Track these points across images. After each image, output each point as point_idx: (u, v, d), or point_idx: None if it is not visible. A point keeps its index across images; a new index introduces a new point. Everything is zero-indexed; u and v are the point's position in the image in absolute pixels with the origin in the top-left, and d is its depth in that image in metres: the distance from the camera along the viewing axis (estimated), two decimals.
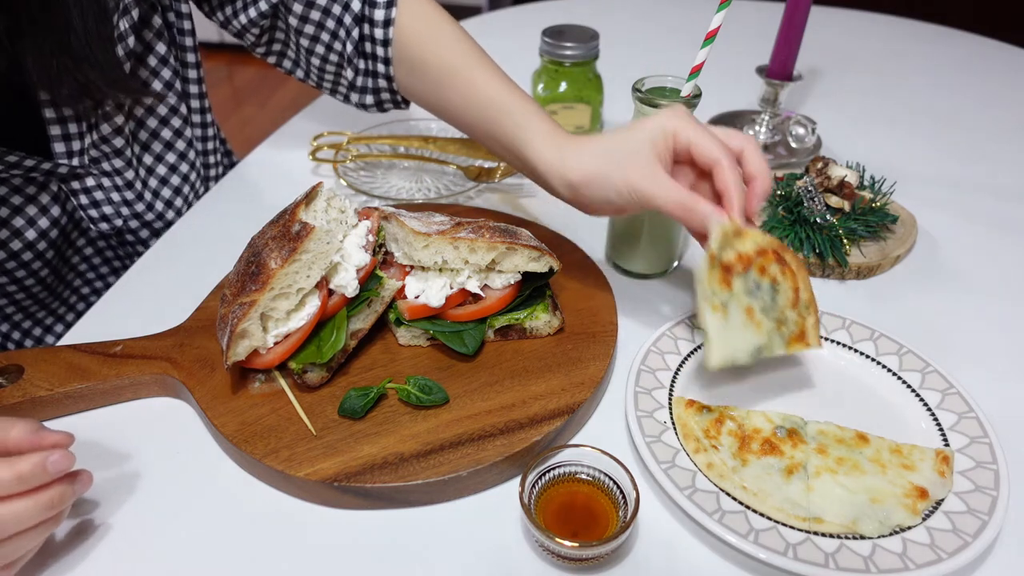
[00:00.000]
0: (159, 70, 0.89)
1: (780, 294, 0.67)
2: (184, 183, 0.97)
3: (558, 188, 0.73)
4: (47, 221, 0.83)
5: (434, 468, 0.62)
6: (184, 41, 0.93)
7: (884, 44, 1.48)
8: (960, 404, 0.68)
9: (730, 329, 0.65)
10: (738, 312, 0.66)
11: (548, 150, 0.72)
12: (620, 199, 0.67)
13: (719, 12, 0.71)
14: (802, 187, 0.90)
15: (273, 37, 0.93)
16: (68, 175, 0.83)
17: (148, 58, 0.88)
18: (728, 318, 0.65)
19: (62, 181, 0.84)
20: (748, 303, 0.66)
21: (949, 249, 0.93)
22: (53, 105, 0.79)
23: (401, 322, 0.74)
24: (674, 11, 1.59)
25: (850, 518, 0.59)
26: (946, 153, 1.12)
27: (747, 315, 0.66)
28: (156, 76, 0.89)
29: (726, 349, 0.65)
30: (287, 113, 1.59)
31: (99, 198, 0.87)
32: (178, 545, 0.60)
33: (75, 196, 0.86)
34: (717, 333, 0.65)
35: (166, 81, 0.90)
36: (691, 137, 0.65)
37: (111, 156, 0.87)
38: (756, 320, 0.66)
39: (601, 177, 0.68)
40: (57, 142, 0.81)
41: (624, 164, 0.66)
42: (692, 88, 0.75)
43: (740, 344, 0.66)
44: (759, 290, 0.67)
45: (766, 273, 0.67)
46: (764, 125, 1.10)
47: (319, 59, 0.90)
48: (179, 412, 0.71)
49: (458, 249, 0.71)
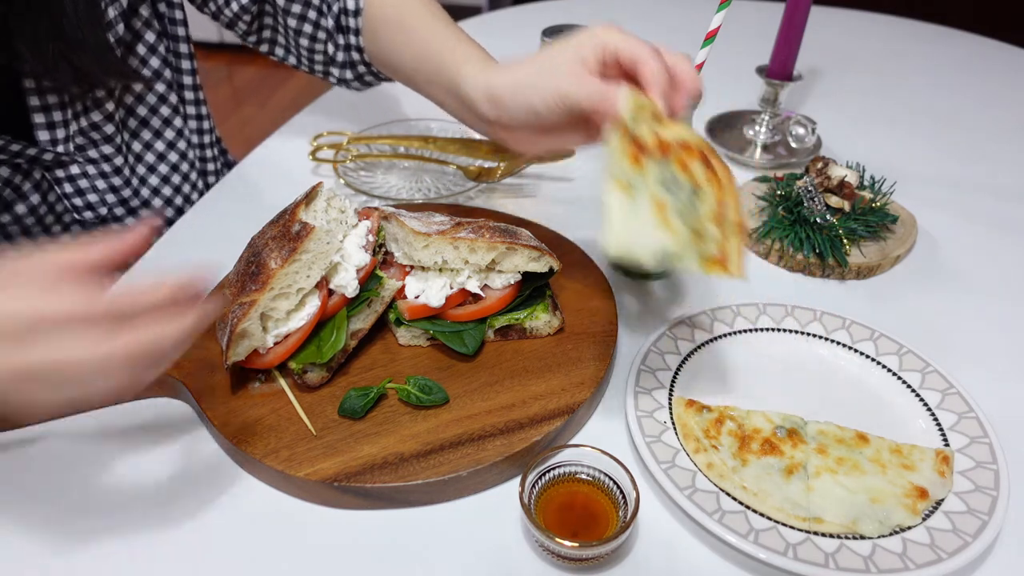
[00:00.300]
0: (148, 58, 0.90)
1: (702, 201, 0.59)
2: (174, 172, 0.98)
3: (482, 106, 0.71)
4: (24, 207, 0.83)
5: (434, 468, 0.62)
6: (176, 31, 0.94)
7: (884, 44, 1.48)
8: (960, 404, 0.68)
9: (634, 217, 0.58)
10: (647, 202, 0.58)
11: (477, 70, 0.72)
12: (545, 107, 0.64)
13: (719, 12, 0.71)
14: (802, 187, 0.90)
15: (263, 23, 0.95)
16: (53, 162, 0.83)
17: (137, 46, 0.89)
18: (634, 204, 0.58)
19: (46, 169, 0.84)
20: (660, 196, 0.58)
21: (949, 249, 0.93)
22: (38, 93, 0.79)
23: (401, 322, 0.74)
24: (674, 11, 1.59)
25: (850, 518, 0.59)
26: (946, 153, 1.12)
27: (657, 210, 0.58)
28: (145, 64, 0.90)
29: (625, 236, 0.58)
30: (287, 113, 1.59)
31: (84, 186, 0.87)
32: (178, 545, 0.60)
33: (59, 185, 0.85)
34: (618, 215, 0.57)
35: (155, 69, 0.92)
36: (618, 43, 0.63)
37: (100, 143, 0.87)
38: (668, 220, 0.58)
39: (528, 87, 0.66)
40: (41, 130, 0.81)
41: (553, 73, 0.64)
42: None
43: (644, 239, 0.58)
44: (676, 187, 0.59)
45: (687, 172, 0.59)
46: (764, 125, 1.10)
47: (308, 39, 0.93)
48: (179, 412, 0.71)
49: (458, 249, 0.71)
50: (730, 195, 0.60)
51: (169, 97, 0.94)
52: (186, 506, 0.62)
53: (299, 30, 0.92)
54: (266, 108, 3.28)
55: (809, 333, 0.77)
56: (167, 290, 0.52)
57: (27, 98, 0.79)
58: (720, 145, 1.10)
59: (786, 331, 0.77)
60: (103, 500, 0.63)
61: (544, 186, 1.03)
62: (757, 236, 0.90)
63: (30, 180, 0.82)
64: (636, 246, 0.58)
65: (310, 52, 0.94)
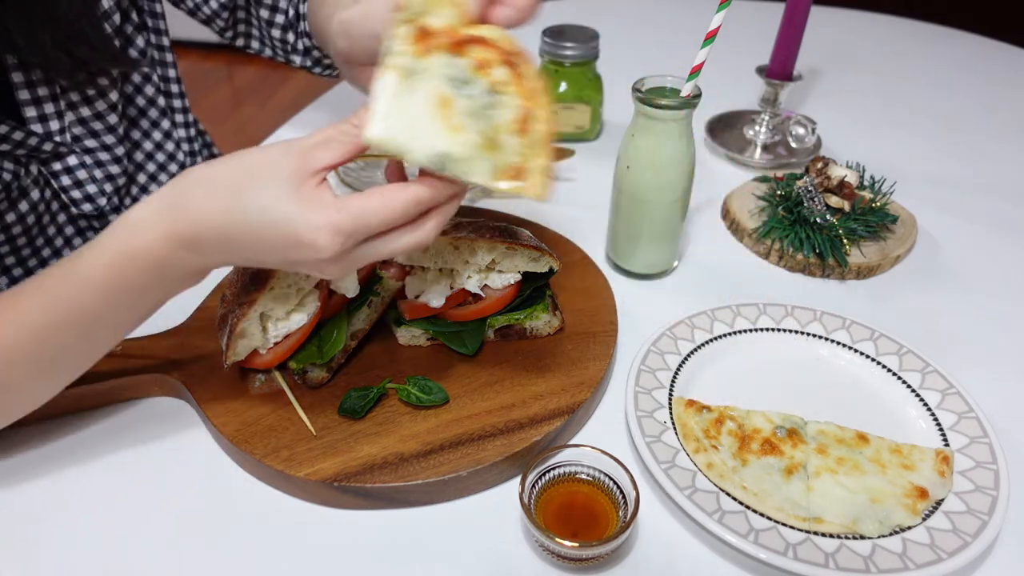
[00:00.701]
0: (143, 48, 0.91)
1: (500, 107, 0.52)
2: (171, 161, 0.99)
3: (338, 42, 0.71)
4: (27, 205, 0.83)
5: (434, 468, 0.62)
6: (161, 40, 0.95)
7: (884, 44, 1.48)
8: (960, 404, 0.68)
9: (408, 107, 0.50)
10: (427, 94, 0.51)
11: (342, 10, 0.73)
12: (385, 31, 0.60)
13: (719, 12, 0.71)
14: (802, 187, 0.90)
15: (237, 18, 0.97)
16: (51, 154, 0.83)
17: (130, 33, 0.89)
18: (412, 93, 0.50)
19: (42, 163, 0.84)
20: (446, 92, 0.51)
21: (949, 249, 0.93)
22: (27, 86, 0.79)
23: (401, 322, 0.74)
24: (674, 11, 1.59)
25: (850, 518, 0.59)
26: (946, 153, 1.12)
27: (440, 106, 0.51)
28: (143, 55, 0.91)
29: (394, 123, 0.50)
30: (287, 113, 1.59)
31: (82, 177, 0.87)
32: (178, 545, 0.60)
33: (55, 178, 0.85)
34: (387, 97, 0.50)
35: (147, 57, 0.92)
36: None
37: (102, 132, 0.87)
38: (453, 120, 0.51)
39: (372, 15, 0.66)
40: (33, 123, 0.81)
41: None
42: (692, 88, 0.75)
43: (419, 133, 0.50)
44: (468, 87, 0.51)
45: (487, 73, 0.51)
46: (764, 125, 1.10)
47: (279, 29, 0.95)
48: (179, 412, 0.71)
49: (458, 249, 0.71)
50: (539, 106, 0.52)
51: (158, 99, 0.95)
52: (186, 506, 0.62)
53: (271, 21, 0.95)
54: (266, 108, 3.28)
55: (809, 333, 0.77)
56: (409, 201, 0.52)
57: (16, 92, 0.79)
58: (720, 145, 1.10)
59: (786, 331, 0.77)
60: (102, 500, 0.63)
61: None
62: (757, 236, 0.90)
63: (28, 175, 0.82)
64: (408, 141, 0.50)
65: (283, 43, 0.97)
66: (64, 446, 0.67)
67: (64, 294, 0.55)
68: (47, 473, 0.65)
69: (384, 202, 0.51)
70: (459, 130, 0.51)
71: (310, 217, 0.50)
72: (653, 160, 0.78)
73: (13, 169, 0.79)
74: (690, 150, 0.78)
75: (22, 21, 0.72)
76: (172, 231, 0.53)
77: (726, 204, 0.97)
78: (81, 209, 0.89)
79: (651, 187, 0.79)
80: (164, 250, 0.53)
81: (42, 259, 0.89)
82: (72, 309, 0.55)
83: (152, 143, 0.96)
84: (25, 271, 0.88)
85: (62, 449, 0.67)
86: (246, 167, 0.52)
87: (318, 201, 0.50)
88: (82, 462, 0.66)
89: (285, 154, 0.52)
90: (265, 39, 0.99)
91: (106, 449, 0.67)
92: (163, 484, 0.64)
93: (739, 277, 0.88)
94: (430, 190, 0.52)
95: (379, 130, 0.50)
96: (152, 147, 0.96)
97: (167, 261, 0.54)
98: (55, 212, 0.88)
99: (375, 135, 0.50)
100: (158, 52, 0.95)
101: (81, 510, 0.62)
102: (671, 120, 0.75)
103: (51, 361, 0.58)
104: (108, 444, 0.67)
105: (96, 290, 0.55)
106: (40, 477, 0.65)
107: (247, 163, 0.52)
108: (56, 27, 0.74)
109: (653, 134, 0.77)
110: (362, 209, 0.50)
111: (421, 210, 0.53)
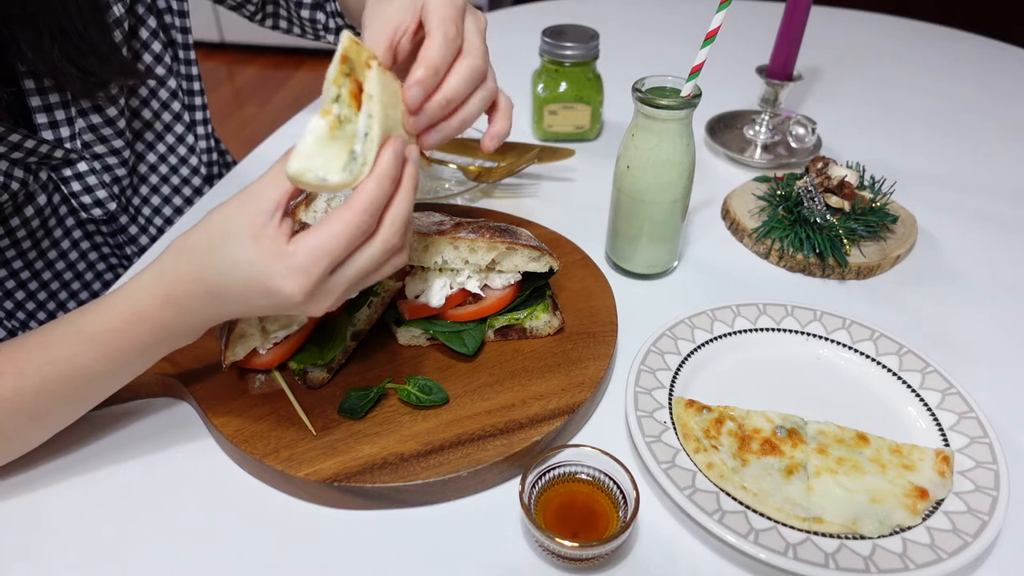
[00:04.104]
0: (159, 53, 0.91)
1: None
2: (183, 164, 0.99)
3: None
4: (32, 209, 0.83)
5: (434, 468, 0.62)
6: (184, 38, 0.95)
7: (884, 44, 1.48)
8: (960, 404, 0.68)
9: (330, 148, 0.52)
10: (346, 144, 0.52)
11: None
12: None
13: (719, 12, 0.71)
14: (802, 187, 0.90)
15: (266, 1, 1.01)
16: (62, 160, 0.83)
17: (146, 39, 0.89)
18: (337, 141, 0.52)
19: (52, 169, 0.84)
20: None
21: (949, 249, 0.93)
22: (39, 92, 0.79)
23: (401, 322, 0.74)
24: (674, 11, 1.59)
25: (850, 518, 0.59)
26: (946, 153, 1.12)
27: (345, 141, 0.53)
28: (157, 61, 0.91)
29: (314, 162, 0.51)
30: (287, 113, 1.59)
31: (92, 183, 0.87)
32: (178, 545, 0.60)
33: (65, 184, 0.85)
34: (313, 138, 0.51)
35: (163, 62, 0.92)
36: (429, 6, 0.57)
37: (111, 138, 0.87)
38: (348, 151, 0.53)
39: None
40: (44, 130, 0.81)
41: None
42: (692, 88, 0.75)
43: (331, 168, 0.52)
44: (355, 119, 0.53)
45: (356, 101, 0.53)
46: (764, 125, 1.10)
47: (307, 9, 0.98)
48: (179, 412, 0.71)
49: (458, 249, 0.71)
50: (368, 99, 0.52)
51: (172, 104, 0.95)
52: (186, 506, 0.62)
53: (300, 2, 0.97)
54: (266, 108, 3.28)
55: (809, 333, 0.77)
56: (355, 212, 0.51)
57: (28, 99, 0.79)
58: (720, 145, 1.10)
59: (786, 331, 0.77)
60: (102, 499, 0.63)
61: (544, 186, 1.03)
62: (757, 236, 0.90)
63: (37, 181, 0.83)
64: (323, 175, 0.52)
65: (312, 22, 1.00)
66: (64, 446, 0.67)
67: (67, 352, 0.57)
68: (47, 473, 0.65)
69: (333, 225, 0.51)
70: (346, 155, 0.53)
71: (271, 267, 0.51)
72: (653, 160, 0.78)
73: (22, 177, 0.79)
74: (690, 150, 0.78)
75: (29, 32, 0.72)
76: (169, 296, 0.55)
77: (726, 204, 0.97)
78: (91, 214, 0.89)
79: (651, 187, 0.79)
80: (166, 314, 0.56)
81: (48, 261, 0.90)
82: (75, 367, 0.58)
83: (165, 146, 0.97)
84: (32, 274, 0.88)
85: (62, 449, 0.67)
86: (212, 228, 0.54)
87: (275, 248, 0.51)
88: (82, 462, 0.66)
89: (239, 206, 0.53)
90: (294, 19, 1.01)
91: (106, 449, 0.67)
92: (163, 484, 0.64)
93: (739, 277, 0.88)
94: (366, 193, 0.51)
95: (296, 165, 0.51)
96: (165, 149, 0.97)
97: (169, 323, 0.56)
98: (63, 216, 0.88)
99: (292, 170, 0.51)
100: (183, 51, 0.96)
101: (81, 510, 0.62)
102: (671, 120, 0.75)
103: (48, 413, 0.61)
104: (108, 444, 0.67)
105: (102, 350, 0.57)
106: (40, 477, 0.65)
107: (213, 223, 0.54)
108: (64, 39, 0.74)
109: (653, 134, 0.77)
110: (317, 241, 0.51)
111: (372, 217, 0.52)
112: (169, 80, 0.93)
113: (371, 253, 0.53)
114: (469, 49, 0.57)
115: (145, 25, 0.89)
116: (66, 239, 0.91)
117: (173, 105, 0.95)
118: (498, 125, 0.62)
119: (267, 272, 0.51)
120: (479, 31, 0.59)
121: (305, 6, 0.99)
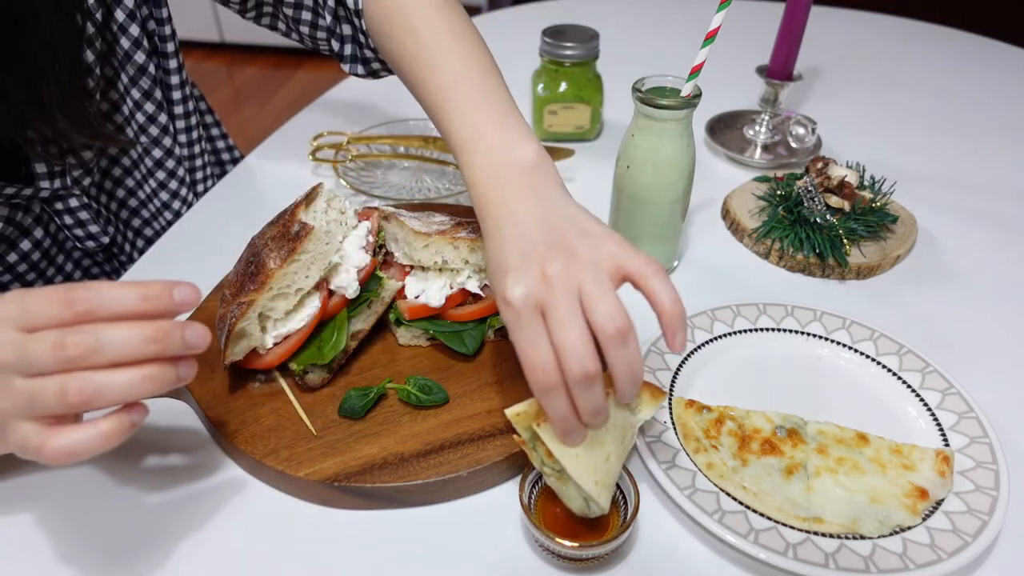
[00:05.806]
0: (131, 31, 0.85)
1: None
2: (174, 199, 0.98)
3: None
4: (29, 243, 0.83)
5: (434, 468, 0.62)
6: (166, 47, 0.91)
7: (884, 44, 1.48)
8: (960, 404, 0.68)
9: (586, 457, 0.56)
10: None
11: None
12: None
13: (719, 12, 0.71)
14: (802, 187, 0.90)
15: (261, 0, 0.89)
16: (51, 197, 0.83)
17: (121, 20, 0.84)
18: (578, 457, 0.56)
19: (44, 203, 0.83)
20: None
21: (949, 249, 0.93)
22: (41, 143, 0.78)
23: (401, 322, 0.74)
24: (674, 11, 1.59)
25: (850, 518, 0.59)
26: (946, 153, 1.12)
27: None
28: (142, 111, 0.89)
29: (594, 477, 0.56)
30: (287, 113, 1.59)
31: (84, 217, 0.86)
32: (178, 545, 0.60)
33: (59, 216, 0.85)
34: (576, 467, 0.55)
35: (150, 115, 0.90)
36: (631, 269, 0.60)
37: (95, 174, 0.87)
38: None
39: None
40: (43, 180, 0.80)
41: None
42: (692, 88, 0.75)
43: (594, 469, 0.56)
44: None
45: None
46: (764, 125, 1.10)
47: (308, 27, 0.87)
48: (179, 412, 0.71)
49: (458, 249, 0.71)
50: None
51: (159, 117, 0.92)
52: (185, 506, 0.62)
53: (298, 19, 0.87)
54: (266, 108, 3.28)
55: (809, 333, 0.77)
56: (149, 288, 0.51)
57: (26, 148, 0.78)
58: (720, 145, 1.10)
59: (786, 331, 0.77)
60: (101, 499, 0.63)
61: None
62: (757, 236, 0.90)
63: (30, 215, 0.82)
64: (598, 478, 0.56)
65: (313, 39, 0.88)
66: None
67: None
68: (46, 473, 0.65)
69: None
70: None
71: None
72: (653, 160, 0.78)
73: (7, 215, 0.79)
74: (690, 150, 0.78)
75: (7, 108, 0.71)
76: None
77: (726, 204, 0.98)
78: (85, 246, 0.89)
79: (651, 187, 0.79)
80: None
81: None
82: None
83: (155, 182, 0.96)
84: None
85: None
86: None
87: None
88: (81, 462, 0.66)
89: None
90: (292, 31, 0.90)
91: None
92: (162, 484, 0.64)
93: (739, 277, 0.88)
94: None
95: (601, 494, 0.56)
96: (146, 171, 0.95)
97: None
98: (62, 241, 0.88)
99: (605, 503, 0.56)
100: (160, 43, 0.90)
101: (80, 510, 0.62)
102: (671, 120, 0.75)
103: None
104: None
105: None
106: (39, 477, 0.65)
107: None
108: (43, 114, 0.72)
109: (653, 134, 0.77)
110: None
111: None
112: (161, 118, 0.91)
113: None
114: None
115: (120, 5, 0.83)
116: (69, 261, 0.91)
117: (165, 140, 0.93)
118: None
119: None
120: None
121: (304, 23, 0.88)
